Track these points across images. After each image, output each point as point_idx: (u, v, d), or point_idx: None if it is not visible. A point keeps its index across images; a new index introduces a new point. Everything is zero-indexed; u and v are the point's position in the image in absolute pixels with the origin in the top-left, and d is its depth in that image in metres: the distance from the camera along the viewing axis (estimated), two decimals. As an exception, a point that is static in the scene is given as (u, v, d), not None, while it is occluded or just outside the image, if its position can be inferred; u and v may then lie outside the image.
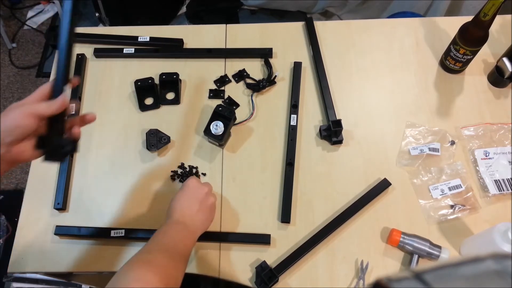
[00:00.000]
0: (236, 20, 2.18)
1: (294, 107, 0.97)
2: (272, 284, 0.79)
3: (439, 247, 0.80)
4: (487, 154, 0.91)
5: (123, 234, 0.84)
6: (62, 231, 0.85)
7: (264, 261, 0.81)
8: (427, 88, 1.01)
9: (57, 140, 0.63)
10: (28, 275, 1.60)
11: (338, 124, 0.91)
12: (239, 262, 0.83)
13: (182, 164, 0.92)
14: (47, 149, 0.62)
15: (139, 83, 0.99)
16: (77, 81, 0.67)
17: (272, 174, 0.91)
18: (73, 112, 0.97)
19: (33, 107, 0.60)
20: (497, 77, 0.99)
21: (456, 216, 0.86)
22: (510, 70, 0.95)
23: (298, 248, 0.82)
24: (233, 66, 1.04)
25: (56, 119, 0.62)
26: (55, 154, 0.64)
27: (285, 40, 1.08)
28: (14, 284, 1.54)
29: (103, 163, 0.93)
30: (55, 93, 0.62)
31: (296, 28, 1.10)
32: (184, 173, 0.91)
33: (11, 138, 0.59)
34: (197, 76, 1.03)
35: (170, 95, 1.01)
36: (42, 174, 0.92)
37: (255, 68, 1.04)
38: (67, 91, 0.63)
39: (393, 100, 1.00)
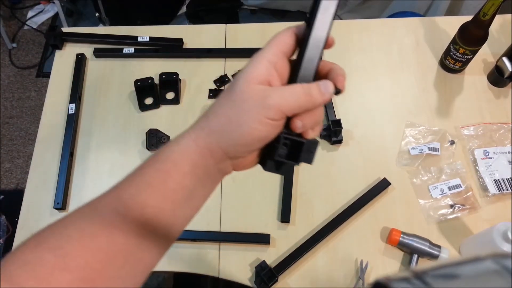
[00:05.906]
0: (236, 20, 2.18)
1: (294, 107, 0.97)
2: (271, 284, 0.79)
3: (439, 246, 0.80)
4: (487, 154, 0.91)
5: (123, 234, 0.84)
6: (62, 231, 0.85)
7: (264, 261, 0.81)
8: (427, 87, 1.01)
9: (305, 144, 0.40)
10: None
11: (337, 123, 0.91)
12: (239, 262, 0.83)
13: (182, 164, 0.92)
14: (274, 157, 0.39)
15: (139, 83, 0.99)
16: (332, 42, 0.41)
17: (272, 174, 0.91)
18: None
19: (287, 103, 0.37)
20: (497, 77, 0.99)
21: (455, 215, 0.86)
22: (510, 70, 0.95)
23: (298, 247, 0.82)
24: (233, 66, 1.04)
25: None
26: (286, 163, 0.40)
27: (285, 40, 1.08)
28: None
29: (103, 163, 0.93)
30: (307, 60, 0.39)
31: (296, 28, 1.10)
32: (184, 173, 0.91)
33: (247, 150, 0.39)
34: (197, 76, 1.03)
35: (170, 95, 1.01)
36: (42, 174, 0.92)
37: (255, 68, 1.04)
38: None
39: (393, 99, 1.00)
